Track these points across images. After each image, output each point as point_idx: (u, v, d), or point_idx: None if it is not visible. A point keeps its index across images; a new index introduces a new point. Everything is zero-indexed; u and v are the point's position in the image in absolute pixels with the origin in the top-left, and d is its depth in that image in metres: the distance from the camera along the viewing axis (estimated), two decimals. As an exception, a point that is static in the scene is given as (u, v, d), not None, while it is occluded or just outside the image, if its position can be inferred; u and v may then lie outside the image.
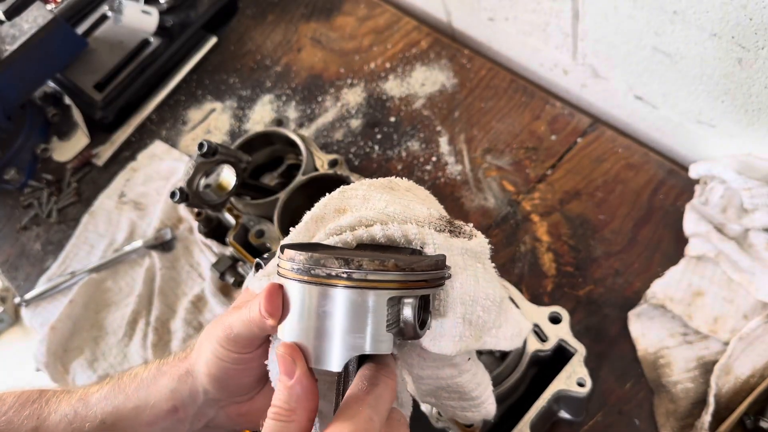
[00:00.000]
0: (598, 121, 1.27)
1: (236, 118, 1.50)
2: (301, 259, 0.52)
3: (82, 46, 1.54)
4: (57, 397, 0.76)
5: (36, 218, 1.51)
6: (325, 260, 0.52)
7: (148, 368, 0.73)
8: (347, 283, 0.51)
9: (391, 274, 0.51)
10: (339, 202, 0.64)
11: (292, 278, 0.54)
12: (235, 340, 0.62)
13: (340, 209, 0.63)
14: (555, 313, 0.92)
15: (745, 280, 1.02)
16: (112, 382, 0.74)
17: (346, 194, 0.65)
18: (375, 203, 0.63)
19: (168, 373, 0.70)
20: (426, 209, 0.63)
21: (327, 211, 0.64)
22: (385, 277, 0.51)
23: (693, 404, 0.97)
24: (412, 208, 0.63)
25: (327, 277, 0.52)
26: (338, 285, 0.52)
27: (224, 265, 1.19)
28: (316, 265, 0.52)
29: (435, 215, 0.63)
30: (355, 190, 0.65)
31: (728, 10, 0.90)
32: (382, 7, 1.54)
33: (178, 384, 0.69)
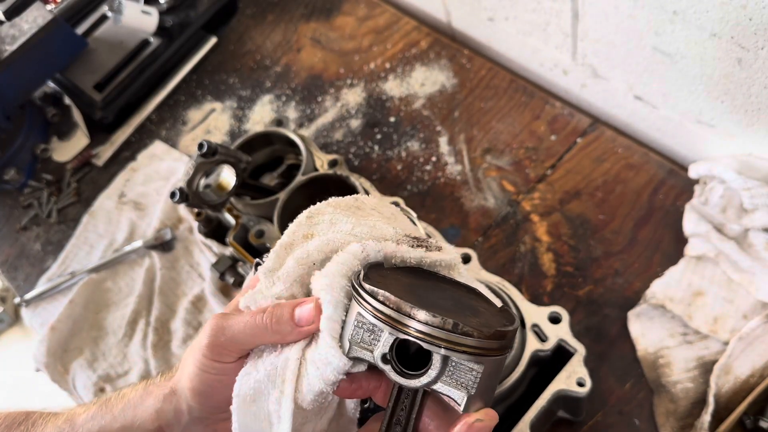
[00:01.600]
0: (597, 121, 1.27)
1: (236, 119, 1.50)
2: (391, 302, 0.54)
3: (81, 46, 1.54)
4: (43, 419, 0.76)
5: (36, 218, 1.51)
6: (409, 309, 0.53)
7: (134, 389, 0.73)
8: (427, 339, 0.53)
9: (474, 340, 0.53)
10: (307, 228, 0.66)
11: (370, 313, 0.55)
12: (225, 346, 0.62)
13: (308, 235, 0.65)
14: (555, 313, 0.92)
15: (744, 280, 1.03)
16: (99, 402, 0.74)
17: (313, 219, 0.66)
18: (342, 226, 0.65)
19: (153, 393, 0.70)
20: (392, 229, 0.65)
21: (295, 238, 0.65)
22: (469, 343, 0.53)
23: (693, 404, 0.97)
24: (378, 228, 0.65)
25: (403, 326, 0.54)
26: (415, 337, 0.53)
27: (224, 265, 1.19)
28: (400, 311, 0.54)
29: (401, 233, 0.65)
30: (321, 214, 0.67)
31: (728, 10, 0.90)
32: (381, 7, 1.54)
33: (163, 404, 0.68)
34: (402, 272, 0.62)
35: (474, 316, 0.56)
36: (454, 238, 1.22)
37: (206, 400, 0.66)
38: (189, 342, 1.24)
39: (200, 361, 0.63)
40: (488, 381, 0.54)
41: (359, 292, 0.56)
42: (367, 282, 0.56)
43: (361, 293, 0.56)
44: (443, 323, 0.52)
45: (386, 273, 0.61)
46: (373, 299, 0.55)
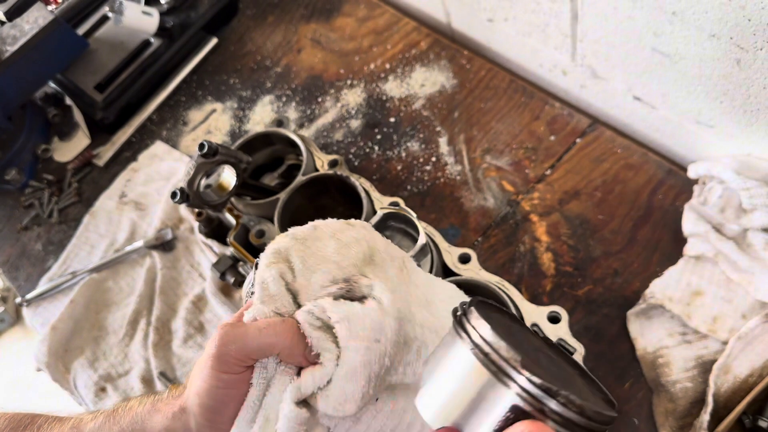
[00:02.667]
0: (597, 122, 1.27)
1: (237, 119, 1.51)
2: (501, 348, 0.48)
3: (83, 46, 1.55)
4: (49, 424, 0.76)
5: (37, 218, 1.51)
6: (519, 362, 0.47)
7: (143, 403, 0.73)
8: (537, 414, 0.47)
9: (571, 414, 0.47)
10: (266, 259, 0.69)
11: (470, 349, 0.50)
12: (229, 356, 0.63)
13: (270, 263, 0.68)
14: (554, 313, 0.93)
15: (743, 279, 1.03)
16: (106, 413, 0.74)
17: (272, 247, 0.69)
18: (290, 252, 0.68)
19: (162, 410, 0.70)
20: (335, 267, 0.67)
21: (263, 272, 0.67)
22: (563, 414, 0.47)
23: (692, 403, 0.97)
24: (314, 280, 0.66)
25: (506, 376, 0.48)
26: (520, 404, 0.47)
27: (225, 265, 1.19)
28: (508, 359, 0.48)
29: (338, 277, 0.67)
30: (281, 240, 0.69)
31: (727, 10, 0.90)
32: (381, 8, 1.55)
33: (171, 422, 0.69)
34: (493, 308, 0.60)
35: (580, 390, 0.52)
36: (454, 238, 1.22)
37: (214, 415, 0.66)
38: (190, 342, 1.25)
39: (208, 374, 0.64)
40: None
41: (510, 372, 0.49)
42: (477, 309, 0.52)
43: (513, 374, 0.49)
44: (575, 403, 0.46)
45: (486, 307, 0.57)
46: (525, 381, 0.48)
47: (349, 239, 0.70)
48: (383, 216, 1.02)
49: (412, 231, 1.03)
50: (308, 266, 0.67)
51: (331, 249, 0.69)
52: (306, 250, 0.68)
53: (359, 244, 0.70)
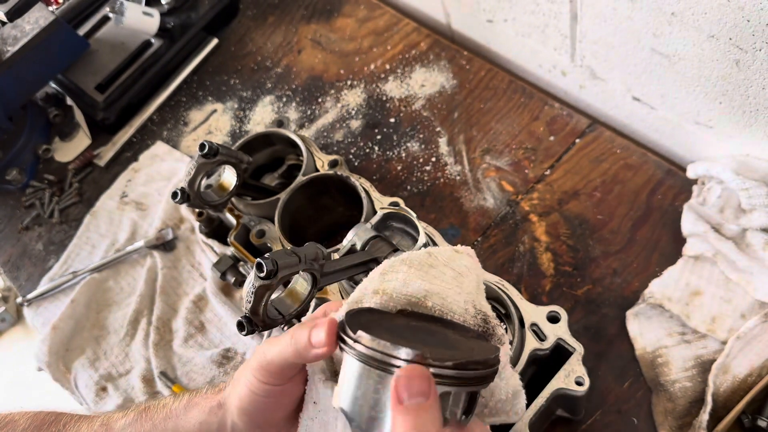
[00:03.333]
0: (596, 122, 1.27)
1: (237, 119, 1.51)
2: (366, 341, 0.55)
3: (83, 47, 1.55)
4: (75, 423, 0.76)
5: (38, 218, 1.51)
6: (389, 349, 0.54)
7: (179, 399, 0.73)
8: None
9: (449, 371, 0.54)
10: (378, 284, 0.66)
11: (353, 356, 0.56)
12: (268, 369, 0.63)
13: (378, 290, 0.65)
14: (553, 313, 0.93)
15: (742, 279, 1.03)
16: (138, 410, 0.74)
17: (386, 276, 0.66)
18: (413, 290, 0.65)
19: (199, 404, 0.71)
20: (462, 304, 0.66)
21: (365, 294, 0.66)
22: (443, 373, 0.54)
23: (691, 403, 0.98)
24: (450, 301, 0.65)
25: (387, 365, 0.54)
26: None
27: (225, 265, 1.20)
28: (381, 351, 0.54)
29: (471, 312, 0.66)
30: (395, 272, 0.66)
31: (726, 11, 0.91)
32: (381, 8, 1.55)
33: (207, 416, 0.69)
34: (412, 315, 0.63)
35: (449, 347, 0.57)
36: (454, 238, 1.22)
37: (251, 419, 0.67)
38: (190, 341, 1.25)
39: (251, 382, 0.65)
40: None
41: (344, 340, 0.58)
42: (350, 327, 0.57)
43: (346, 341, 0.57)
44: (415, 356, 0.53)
45: (385, 315, 0.62)
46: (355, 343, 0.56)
47: (462, 269, 0.69)
48: (383, 216, 1.02)
49: (412, 231, 1.03)
50: (433, 306, 0.65)
51: (449, 280, 0.67)
52: (431, 287, 0.66)
53: (469, 275, 0.69)
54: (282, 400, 0.65)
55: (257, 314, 0.83)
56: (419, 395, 0.51)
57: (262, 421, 0.67)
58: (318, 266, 0.83)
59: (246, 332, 0.84)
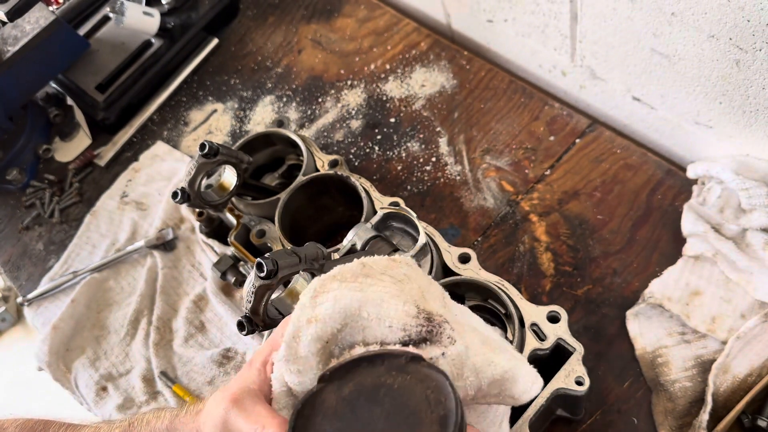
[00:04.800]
0: (596, 122, 1.28)
1: (237, 119, 1.51)
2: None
3: (84, 47, 1.55)
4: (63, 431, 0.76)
5: (38, 218, 1.51)
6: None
7: (159, 418, 0.73)
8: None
9: None
10: (311, 311, 0.63)
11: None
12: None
13: (311, 319, 0.63)
14: (553, 312, 0.93)
15: (742, 279, 1.03)
16: (123, 425, 0.75)
17: (317, 300, 0.64)
18: (345, 304, 0.62)
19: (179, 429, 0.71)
20: (401, 306, 0.63)
21: (300, 325, 0.64)
22: None
23: (691, 403, 0.98)
24: (386, 307, 0.63)
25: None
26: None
27: (225, 265, 1.20)
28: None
29: (411, 313, 0.63)
30: (325, 293, 0.64)
31: (726, 11, 0.91)
32: (382, 8, 1.55)
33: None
34: (343, 379, 0.61)
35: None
36: (454, 238, 1.22)
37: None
38: (191, 341, 1.25)
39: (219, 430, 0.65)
40: None
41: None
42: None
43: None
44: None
45: (322, 400, 0.59)
46: None
47: (401, 276, 0.66)
48: (383, 216, 1.02)
49: (412, 231, 1.03)
50: (369, 315, 0.63)
51: (388, 286, 0.65)
52: (364, 296, 0.63)
53: (411, 281, 0.67)
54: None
55: (257, 314, 0.84)
56: None
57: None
58: (318, 266, 0.83)
59: (246, 332, 0.85)
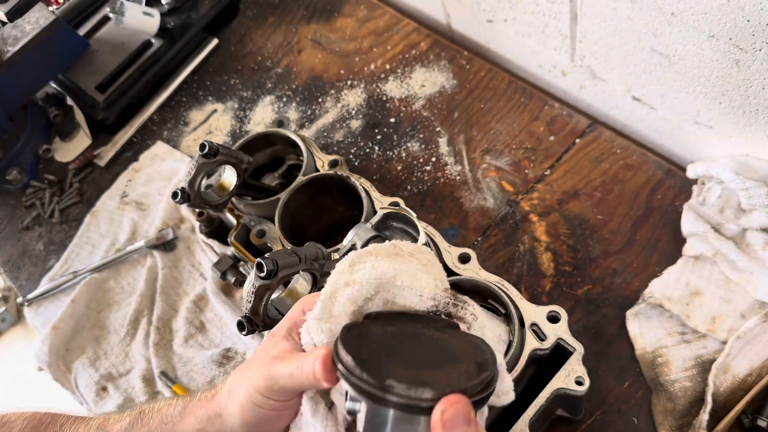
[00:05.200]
0: (596, 122, 1.28)
1: (237, 119, 1.51)
2: (401, 390, 0.55)
3: (84, 47, 1.55)
4: (72, 424, 0.76)
5: (38, 218, 1.51)
6: (424, 392, 0.55)
7: (173, 405, 0.73)
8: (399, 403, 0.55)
9: (476, 396, 0.56)
10: (348, 276, 0.68)
11: (381, 405, 0.56)
12: (279, 391, 0.65)
13: (349, 282, 0.67)
14: (553, 312, 0.93)
15: (742, 279, 1.03)
16: (133, 414, 0.74)
17: (354, 267, 0.68)
18: (381, 271, 0.67)
19: (195, 412, 0.71)
20: (432, 281, 0.68)
21: (338, 286, 0.67)
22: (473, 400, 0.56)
23: (691, 403, 0.98)
24: (419, 278, 0.68)
25: (424, 409, 0.55)
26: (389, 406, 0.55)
27: (225, 265, 1.20)
28: (416, 398, 0.55)
29: (440, 287, 0.69)
30: (362, 262, 0.68)
31: (726, 11, 0.91)
32: (381, 8, 1.55)
33: (206, 425, 0.70)
34: (387, 321, 0.65)
35: (445, 370, 0.59)
36: (454, 238, 1.22)
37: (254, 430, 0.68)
38: (191, 341, 1.25)
39: (255, 397, 0.66)
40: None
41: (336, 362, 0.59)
42: (343, 345, 0.59)
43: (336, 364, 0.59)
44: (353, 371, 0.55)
45: (368, 329, 0.63)
46: (344, 368, 0.58)
47: (425, 260, 0.71)
48: (383, 216, 1.02)
49: (412, 231, 1.03)
50: (402, 283, 0.67)
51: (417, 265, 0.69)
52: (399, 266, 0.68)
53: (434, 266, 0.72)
54: (285, 413, 0.67)
55: (257, 314, 0.85)
56: (460, 426, 0.54)
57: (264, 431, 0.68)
58: (318, 266, 0.84)
59: (246, 332, 0.85)
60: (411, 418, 0.55)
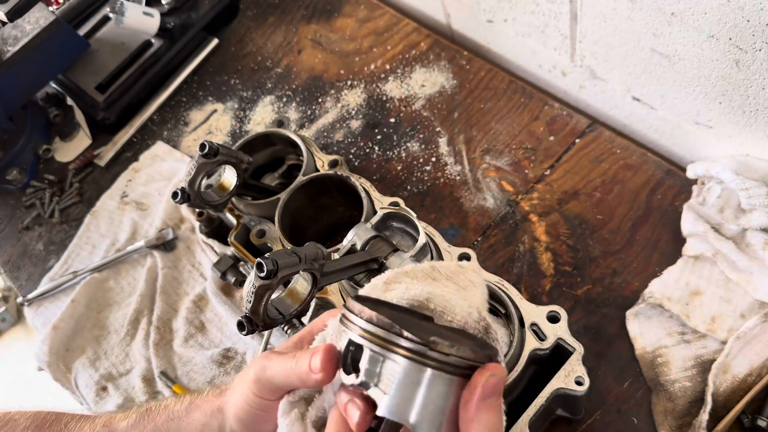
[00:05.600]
0: (596, 122, 1.28)
1: (237, 119, 1.51)
2: (446, 348, 0.53)
3: (84, 47, 1.55)
4: (77, 422, 0.76)
5: (38, 218, 1.52)
6: (470, 352, 0.53)
7: (180, 401, 0.74)
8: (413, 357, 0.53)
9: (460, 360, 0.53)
10: (381, 292, 0.65)
11: (377, 345, 0.54)
12: (263, 384, 0.64)
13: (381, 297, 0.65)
14: (553, 312, 0.93)
15: (742, 279, 1.03)
16: (140, 411, 0.75)
17: (389, 286, 0.66)
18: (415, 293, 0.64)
19: (201, 407, 0.72)
20: (466, 309, 0.64)
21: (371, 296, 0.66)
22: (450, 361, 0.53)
23: (691, 403, 0.98)
24: (453, 304, 0.64)
25: (466, 369, 0.53)
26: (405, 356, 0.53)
27: (225, 265, 1.20)
28: (460, 357, 0.53)
29: (474, 317, 0.64)
30: (397, 282, 0.66)
31: (726, 11, 0.91)
32: (381, 8, 1.55)
33: (210, 419, 0.71)
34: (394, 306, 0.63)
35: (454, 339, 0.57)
36: (454, 238, 1.23)
37: (247, 429, 0.69)
38: (191, 341, 1.25)
39: (246, 393, 0.66)
40: (416, 391, 0.53)
41: (346, 315, 0.57)
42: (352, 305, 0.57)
43: (347, 315, 0.56)
44: (386, 325, 0.53)
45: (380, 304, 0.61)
46: (358, 318, 0.55)
47: (465, 283, 0.69)
48: (383, 216, 1.02)
49: (412, 231, 1.03)
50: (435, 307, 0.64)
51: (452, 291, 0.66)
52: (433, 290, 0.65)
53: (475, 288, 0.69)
54: (271, 415, 0.66)
55: (257, 314, 0.83)
56: (496, 395, 0.52)
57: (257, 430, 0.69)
58: (318, 266, 0.83)
59: (246, 332, 0.84)
60: (449, 380, 0.53)
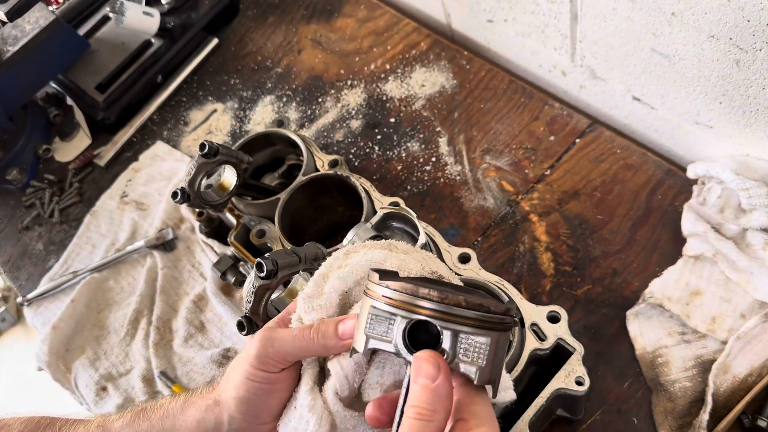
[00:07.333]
0: (596, 122, 1.28)
1: (237, 119, 1.51)
2: (500, 308, 0.58)
3: (84, 47, 1.55)
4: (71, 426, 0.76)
5: (38, 218, 1.51)
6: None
7: (175, 399, 0.74)
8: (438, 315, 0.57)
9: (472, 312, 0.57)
10: (342, 261, 0.71)
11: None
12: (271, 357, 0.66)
13: (342, 266, 0.70)
14: (553, 312, 0.93)
15: (742, 279, 1.03)
16: (135, 410, 0.75)
17: (348, 255, 0.72)
18: (372, 257, 0.70)
19: (196, 404, 0.72)
20: (420, 265, 0.70)
21: (331, 269, 0.70)
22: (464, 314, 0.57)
23: (691, 403, 0.98)
24: (407, 262, 0.70)
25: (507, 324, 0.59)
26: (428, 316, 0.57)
27: (225, 265, 1.20)
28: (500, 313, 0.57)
29: (428, 270, 0.70)
30: (356, 252, 0.72)
31: (726, 11, 0.91)
32: (382, 8, 1.55)
33: (204, 414, 0.71)
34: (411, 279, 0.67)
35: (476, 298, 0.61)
36: (454, 238, 1.22)
37: (249, 409, 0.68)
38: (191, 341, 1.25)
39: (247, 370, 0.67)
40: (495, 355, 0.58)
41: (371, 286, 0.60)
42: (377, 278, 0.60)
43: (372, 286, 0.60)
44: (451, 300, 0.56)
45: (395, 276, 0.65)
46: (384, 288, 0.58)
47: (420, 258, 0.73)
48: (383, 216, 1.02)
49: (412, 231, 1.03)
50: (391, 266, 0.69)
51: (414, 259, 0.71)
52: (389, 254, 0.71)
53: (431, 262, 0.73)
54: (277, 386, 0.67)
55: (257, 314, 0.85)
56: None
57: (259, 408, 0.68)
58: (318, 266, 0.83)
59: (246, 332, 0.85)
60: (506, 336, 0.59)
